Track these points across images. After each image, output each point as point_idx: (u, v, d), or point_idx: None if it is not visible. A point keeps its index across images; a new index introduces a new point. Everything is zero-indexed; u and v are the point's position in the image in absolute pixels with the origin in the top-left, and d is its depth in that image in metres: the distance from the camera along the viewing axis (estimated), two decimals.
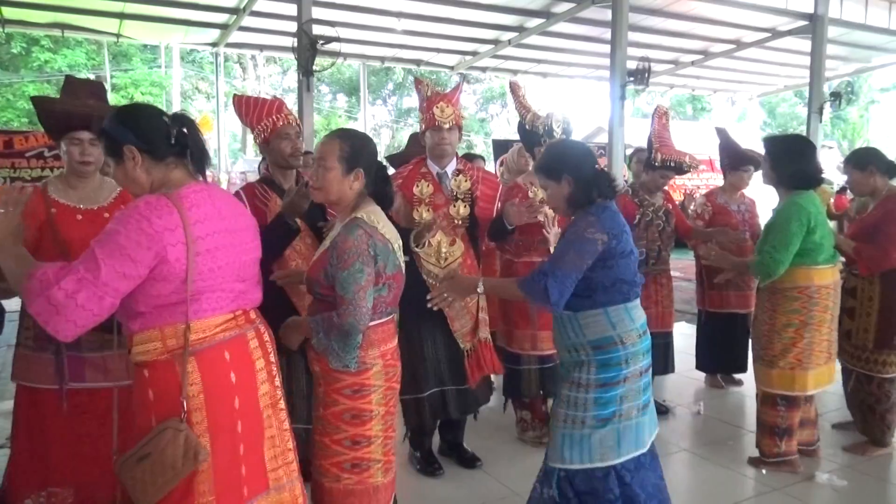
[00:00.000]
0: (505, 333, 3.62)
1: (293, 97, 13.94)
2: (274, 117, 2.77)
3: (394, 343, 2.18)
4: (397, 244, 2.12)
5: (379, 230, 2.04)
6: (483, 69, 13.36)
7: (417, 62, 12.57)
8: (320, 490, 2.11)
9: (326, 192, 2.11)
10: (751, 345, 3.61)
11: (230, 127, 14.21)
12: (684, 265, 5.63)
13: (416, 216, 3.07)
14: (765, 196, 3.34)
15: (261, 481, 1.80)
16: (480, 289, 2.36)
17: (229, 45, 11.32)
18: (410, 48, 11.60)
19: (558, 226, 3.28)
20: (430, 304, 2.37)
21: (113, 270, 1.55)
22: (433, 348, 3.12)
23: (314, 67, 7.03)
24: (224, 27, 9.94)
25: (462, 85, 3.38)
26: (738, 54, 11.76)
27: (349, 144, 2.07)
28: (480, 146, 24.73)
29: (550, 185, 2.29)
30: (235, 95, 2.96)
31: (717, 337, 4.56)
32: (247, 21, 9.38)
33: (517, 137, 3.73)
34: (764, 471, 3.23)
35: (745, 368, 4.44)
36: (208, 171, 1.94)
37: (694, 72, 13.29)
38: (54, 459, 2.42)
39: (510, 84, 3.69)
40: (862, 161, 3.44)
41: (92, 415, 2.42)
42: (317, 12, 7.30)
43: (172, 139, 1.71)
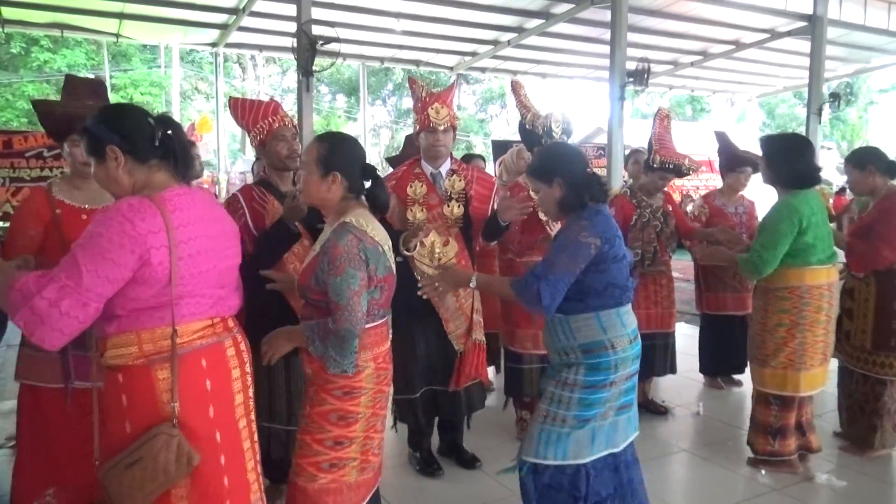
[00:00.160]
0: (507, 333, 3.62)
1: (292, 97, 13.94)
2: (270, 119, 2.76)
3: (386, 346, 2.16)
4: (387, 245, 2.10)
5: (368, 233, 2.01)
6: (482, 70, 13.37)
7: (417, 63, 12.57)
8: (293, 489, 2.06)
9: (308, 196, 2.10)
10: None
11: (230, 127, 14.18)
12: (684, 266, 5.63)
13: (410, 216, 3.06)
14: (766, 198, 3.33)
15: (244, 495, 1.77)
16: (473, 283, 2.32)
17: (229, 46, 11.32)
18: (410, 49, 11.60)
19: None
20: (421, 293, 2.35)
21: (96, 275, 1.52)
22: (426, 349, 3.12)
23: (314, 68, 7.03)
24: (223, 27, 9.94)
25: (456, 84, 3.37)
26: (738, 55, 11.77)
27: (325, 147, 2.03)
28: (480, 147, 24.73)
29: (542, 188, 2.28)
30: (231, 98, 2.96)
31: (717, 339, 4.57)
32: (246, 21, 9.38)
33: (516, 138, 3.73)
34: (763, 471, 3.23)
35: (744, 369, 4.44)
36: (207, 172, 1.93)
37: (693, 73, 13.30)
38: (58, 459, 2.42)
39: (512, 84, 3.66)
40: (861, 160, 3.45)
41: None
42: (316, 13, 7.29)
43: (157, 141, 1.68)
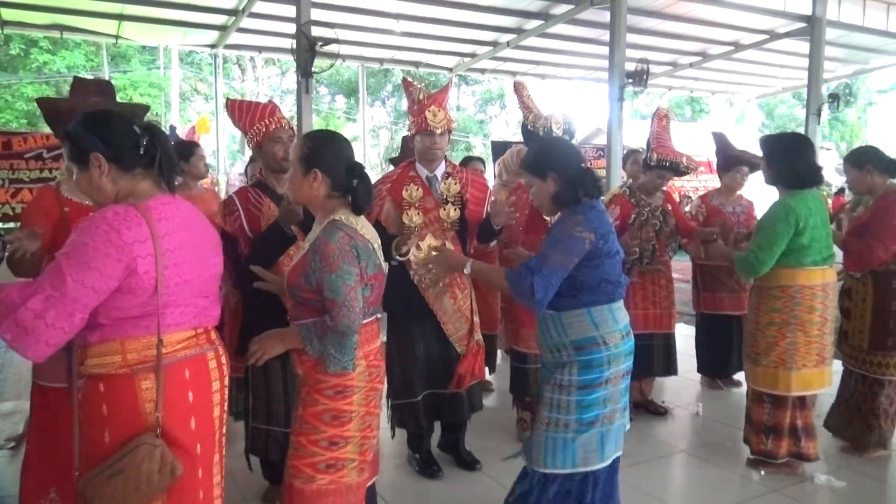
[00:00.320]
0: (511, 332, 3.62)
1: (292, 99, 13.93)
2: (266, 121, 2.75)
3: (377, 343, 2.13)
4: (377, 244, 2.09)
5: (359, 230, 2.00)
6: (481, 71, 13.38)
7: (416, 64, 12.58)
8: (290, 491, 2.04)
9: (292, 194, 2.08)
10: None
11: (229, 129, 14.18)
12: (683, 267, 5.63)
13: (407, 220, 3.05)
14: (765, 198, 3.34)
15: None
16: (468, 269, 2.31)
17: (228, 47, 11.33)
18: (409, 50, 11.61)
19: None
20: (412, 273, 2.33)
21: (81, 285, 1.49)
22: (425, 351, 3.11)
23: (313, 69, 7.03)
24: (223, 29, 9.95)
25: (450, 85, 3.36)
26: (737, 56, 11.78)
27: (308, 145, 2.02)
28: (479, 148, 24.73)
29: (536, 183, 2.27)
30: (228, 99, 2.95)
31: (713, 339, 4.58)
32: (245, 23, 9.39)
33: (516, 139, 3.74)
34: (762, 472, 3.23)
35: (740, 370, 4.43)
36: (211, 174, 1.92)
37: (692, 73, 13.31)
38: (62, 459, 2.42)
39: (515, 85, 3.64)
40: (859, 160, 3.46)
41: None
42: (315, 14, 7.29)
43: (141, 149, 1.66)
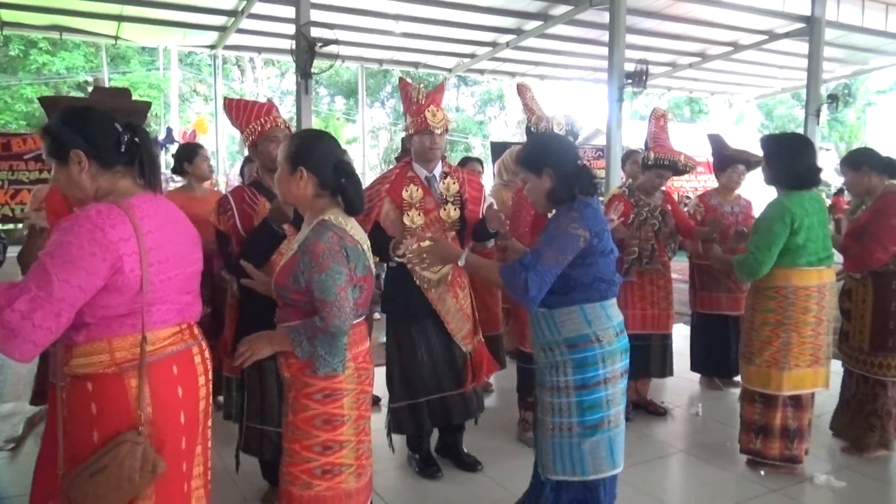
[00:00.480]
0: (516, 332, 3.63)
1: (291, 100, 13.93)
2: (262, 120, 2.75)
3: (366, 345, 2.11)
4: (366, 245, 2.07)
5: (348, 231, 1.98)
6: (481, 72, 13.37)
7: (415, 64, 12.59)
8: (289, 498, 2.03)
9: (281, 193, 2.06)
10: None
11: (229, 129, 14.19)
12: (682, 267, 5.63)
13: (408, 221, 3.04)
14: (763, 197, 3.34)
15: (186, 500, 1.77)
16: (462, 262, 2.26)
17: (227, 48, 11.34)
18: (408, 51, 11.63)
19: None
20: (406, 259, 2.31)
21: (67, 285, 1.49)
22: (428, 353, 3.09)
23: (312, 70, 7.04)
24: (222, 30, 9.96)
25: (444, 84, 3.36)
26: (736, 57, 11.80)
27: (294, 143, 2.00)
28: (479, 149, 24.74)
29: (531, 179, 2.24)
30: (226, 98, 2.95)
31: (710, 339, 4.58)
32: (245, 24, 9.39)
33: (515, 139, 3.74)
34: (762, 472, 3.23)
35: (737, 371, 4.43)
36: (214, 176, 1.92)
37: (691, 74, 13.33)
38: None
39: (518, 87, 3.62)
40: (856, 161, 3.46)
41: None
42: (315, 15, 7.30)
43: (123, 147, 1.66)
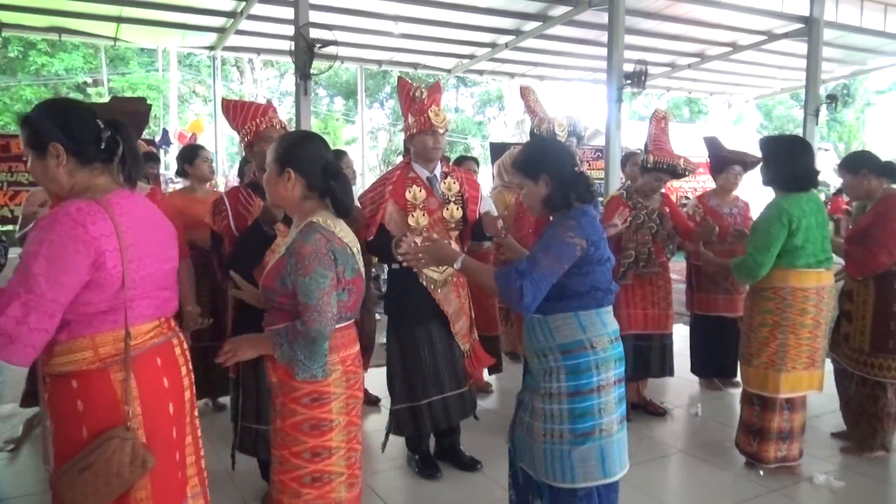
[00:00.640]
0: (518, 335, 3.63)
1: (290, 101, 13.95)
2: (258, 120, 2.74)
3: (355, 349, 2.07)
4: (356, 248, 2.04)
5: (337, 234, 1.95)
6: (480, 72, 13.39)
7: (415, 65, 12.59)
8: None
9: (269, 195, 2.04)
10: None
11: (228, 131, 14.19)
12: (681, 268, 5.64)
13: (413, 222, 3.04)
14: (762, 199, 3.34)
15: (182, 489, 1.78)
16: (458, 265, 2.19)
17: (226, 49, 11.34)
18: (408, 51, 11.64)
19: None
20: (400, 258, 2.28)
21: (56, 284, 1.50)
22: (431, 354, 3.09)
23: (311, 71, 7.03)
24: (221, 31, 9.96)
25: (440, 83, 3.38)
26: (735, 57, 11.81)
27: (282, 145, 1.98)
28: (478, 149, 24.74)
29: (527, 184, 2.21)
30: (224, 99, 2.95)
31: (707, 340, 4.58)
32: (244, 25, 9.40)
33: (514, 140, 3.74)
34: (762, 472, 3.23)
35: (735, 373, 4.44)
36: (214, 177, 1.92)
37: (690, 74, 13.34)
38: None
39: (521, 90, 3.61)
40: (855, 165, 3.46)
41: None
42: (314, 16, 7.30)
43: (102, 143, 1.65)
